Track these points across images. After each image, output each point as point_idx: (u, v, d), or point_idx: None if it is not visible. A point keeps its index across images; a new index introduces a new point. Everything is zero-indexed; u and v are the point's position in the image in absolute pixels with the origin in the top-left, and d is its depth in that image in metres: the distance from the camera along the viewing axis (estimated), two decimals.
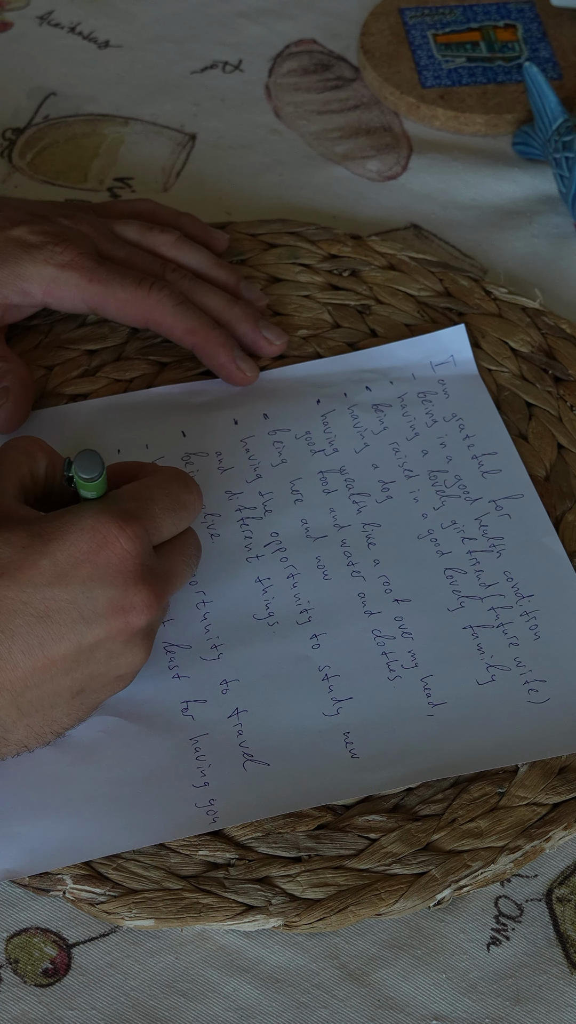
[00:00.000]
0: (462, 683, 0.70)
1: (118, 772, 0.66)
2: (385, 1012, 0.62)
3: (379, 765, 0.67)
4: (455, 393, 0.82)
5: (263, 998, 0.62)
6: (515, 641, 0.71)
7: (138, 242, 0.83)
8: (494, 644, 0.71)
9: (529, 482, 0.78)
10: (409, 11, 1.03)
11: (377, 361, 0.83)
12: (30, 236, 0.80)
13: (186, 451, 0.78)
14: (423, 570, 0.74)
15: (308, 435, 0.80)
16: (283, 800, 0.66)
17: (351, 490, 0.77)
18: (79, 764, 0.66)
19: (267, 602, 0.73)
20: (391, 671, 0.70)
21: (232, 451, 0.79)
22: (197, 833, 0.65)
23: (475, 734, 0.68)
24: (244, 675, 0.70)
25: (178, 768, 0.67)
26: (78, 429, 0.79)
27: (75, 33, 1.05)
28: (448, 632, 0.72)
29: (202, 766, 0.67)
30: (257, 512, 0.76)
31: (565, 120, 0.90)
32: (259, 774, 0.67)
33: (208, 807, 0.66)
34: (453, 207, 0.94)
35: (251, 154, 0.97)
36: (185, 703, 0.69)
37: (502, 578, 0.74)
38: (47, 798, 0.66)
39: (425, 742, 0.68)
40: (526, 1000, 0.62)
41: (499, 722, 0.69)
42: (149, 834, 0.65)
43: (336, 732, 0.68)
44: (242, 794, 0.66)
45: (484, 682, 0.70)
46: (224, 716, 0.69)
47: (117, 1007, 0.62)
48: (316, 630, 0.72)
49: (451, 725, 0.69)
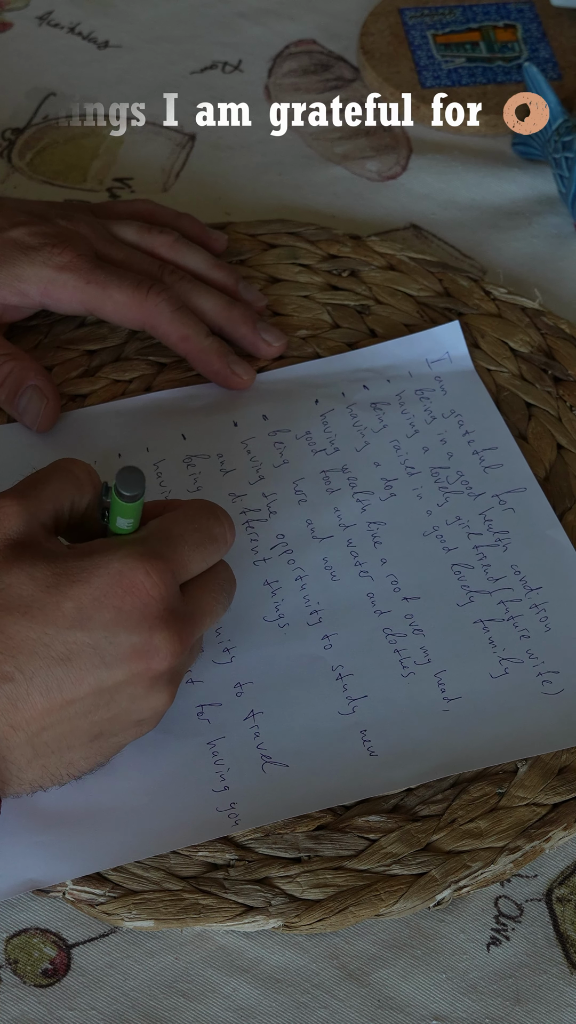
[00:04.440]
0: (476, 677, 0.70)
1: (137, 779, 0.66)
2: (385, 1012, 0.62)
3: (398, 762, 0.67)
4: (452, 390, 0.82)
5: (263, 998, 0.62)
6: (526, 633, 0.72)
7: (136, 243, 0.83)
8: (505, 637, 0.72)
9: (531, 476, 0.78)
10: (409, 11, 1.03)
11: (373, 360, 0.83)
12: (28, 238, 0.80)
13: (187, 454, 0.78)
14: (430, 567, 0.74)
15: (308, 435, 0.80)
16: (304, 800, 0.66)
17: (354, 489, 0.77)
18: (97, 773, 0.66)
19: (276, 604, 0.73)
20: (404, 668, 0.70)
21: (233, 453, 0.79)
22: (219, 836, 0.65)
23: (491, 727, 0.68)
24: (258, 677, 0.70)
25: (197, 773, 0.67)
26: (78, 434, 0.79)
27: (75, 33, 1.05)
28: (459, 627, 0.72)
29: (220, 770, 0.67)
30: (262, 514, 0.76)
31: (565, 120, 0.90)
32: (278, 776, 0.67)
33: (229, 810, 0.65)
34: (452, 207, 0.94)
35: (250, 154, 0.97)
36: (200, 707, 0.69)
37: (509, 571, 0.74)
38: (68, 808, 0.65)
39: (442, 737, 0.68)
40: (526, 1000, 0.62)
41: (515, 714, 0.69)
42: (171, 840, 0.65)
43: (353, 731, 0.68)
44: (263, 796, 0.66)
45: (498, 675, 0.70)
46: (240, 719, 0.69)
47: (117, 1007, 0.62)
48: (327, 630, 0.72)
49: (467, 719, 0.69)
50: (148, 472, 0.77)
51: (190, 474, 0.77)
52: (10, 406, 0.79)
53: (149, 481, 0.77)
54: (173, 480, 0.77)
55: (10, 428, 0.80)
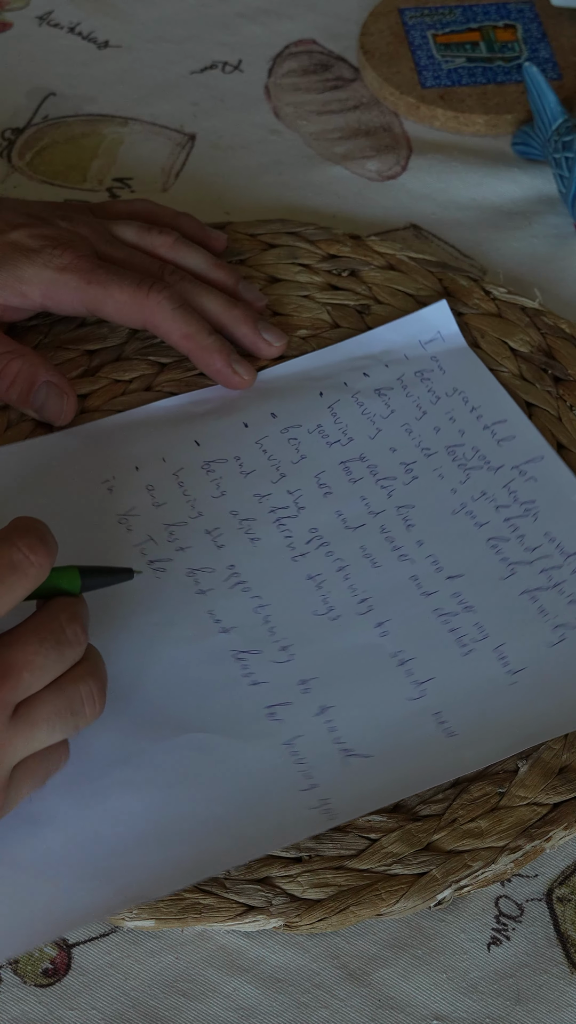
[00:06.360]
0: (534, 648, 0.71)
1: (219, 789, 0.65)
2: (385, 1012, 0.62)
3: (477, 739, 0.67)
4: (450, 368, 0.82)
5: (263, 998, 0.62)
6: (574, 598, 0.72)
7: (136, 243, 0.83)
8: (554, 605, 0.72)
9: (546, 444, 0.79)
10: (409, 11, 1.03)
11: (368, 347, 0.83)
12: (28, 240, 0.80)
13: (204, 460, 0.78)
14: (467, 544, 0.75)
15: (320, 428, 0.80)
16: (394, 788, 0.66)
17: (376, 476, 0.78)
18: (177, 787, 0.65)
19: (324, 597, 0.73)
20: (463, 647, 0.71)
21: (250, 454, 0.79)
22: (316, 833, 0.65)
23: (559, 694, 0.69)
24: (320, 672, 0.70)
25: (279, 774, 0.66)
26: (90, 450, 0.78)
27: (75, 33, 1.05)
28: (507, 600, 0.72)
29: (303, 768, 0.66)
30: (291, 511, 0.76)
31: (565, 120, 0.90)
32: (363, 767, 0.66)
33: (321, 807, 0.65)
34: (452, 207, 0.94)
35: (250, 154, 0.97)
36: (270, 708, 0.68)
37: (544, 540, 0.75)
38: (153, 827, 0.64)
39: (515, 710, 0.68)
40: (526, 1000, 0.62)
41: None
42: (265, 844, 0.64)
43: (426, 714, 0.68)
44: (352, 789, 0.66)
45: (555, 642, 0.71)
46: (311, 715, 0.68)
47: (117, 1007, 0.62)
48: (379, 618, 0.72)
49: (534, 689, 0.69)
50: (170, 483, 0.77)
51: (211, 480, 0.77)
52: (24, 403, 0.79)
53: (172, 492, 0.77)
54: (196, 488, 0.77)
55: (25, 446, 0.79)
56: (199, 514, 0.75)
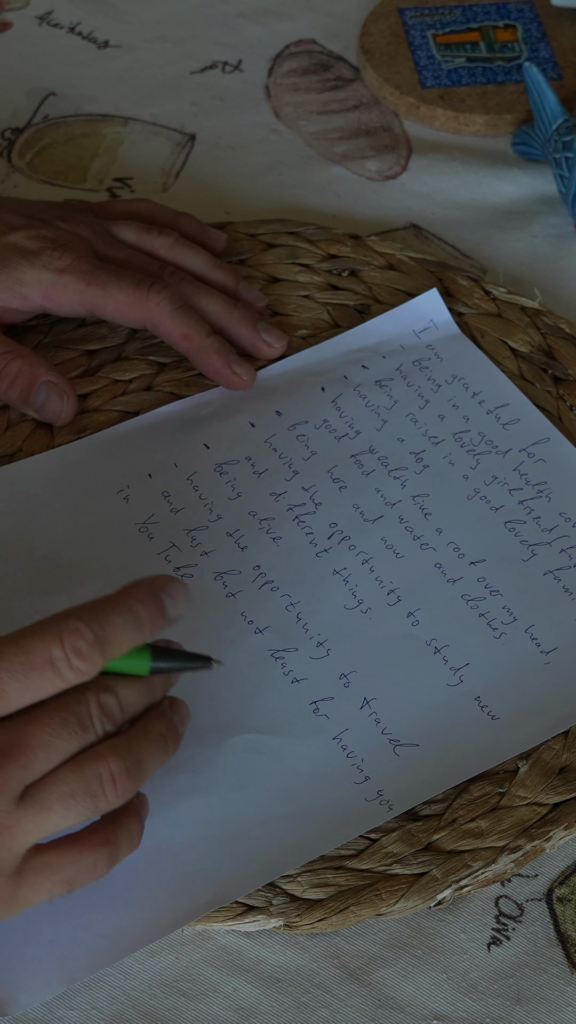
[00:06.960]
0: (564, 626, 0.72)
1: (277, 788, 0.66)
2: (385, 1012, 0.62)
3: (521, 722, 0.68)
4: (447, 355, 0.83)
5: (263, 998, 0.62)
6: None
7: (136, 244, 0.83)
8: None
9: (550, 425, 0.79)
10: (409, 11, 1.03)
11: (364, 339, 0.84)
12: (27, 242, 0.79)
13: (216, 462, 0.78)
14: (485, 528, 0.75)
15: (326, 423, 0.80)
16: (446, 774, 0.67)
17: (388, 467, 0.78)
18: (237, 790, 0.66)
19: (352, 591, 0.73)
20: (494, 630, 0.71)
21: (260, 454, 0.79)
22: (376, 825, 0.65)
23: None
24: (359, 665, 0.70)
25: (333, 769, 0.67)
26: (101, 462, 0.78)
27: (75, 33, 1.05)
28: (532, 582, 0.73)
29: (355, 761, 0.67)
30: (308, 507, 0.77)
31: (565, 120, 0.90)
32: (413, 756, 0.67)
33: (379, 798, 0.66)
34: (452, 207, 0.94)
35: (250, 154, 0.97)
36: (314, 704, 0.69)
37: (560, 520, 0.76)
38: (217, 832, 0.64)
39: (553, 689, 0.69)
40: (527, 1000, 0.62)
41: None
42: (329, 839, 0.65)
43: (467, 699, 0.69)
44: (406, 778, 0.66)
45: None
46: (355, 708, 0.69)
47: (117, 1007, 0.62)
48: (409, 607, 0.72)
49: (568, 668, 0.70)
50: (185, 488, 0.77)
51: (226, 482, 0.77)
52: (24, 403, 0.79)
53: (189, 497, 0.77)
54: (211, 491, 0.77)
55: (33, 462, 0.78)
56: (218, 517, 0.76)
